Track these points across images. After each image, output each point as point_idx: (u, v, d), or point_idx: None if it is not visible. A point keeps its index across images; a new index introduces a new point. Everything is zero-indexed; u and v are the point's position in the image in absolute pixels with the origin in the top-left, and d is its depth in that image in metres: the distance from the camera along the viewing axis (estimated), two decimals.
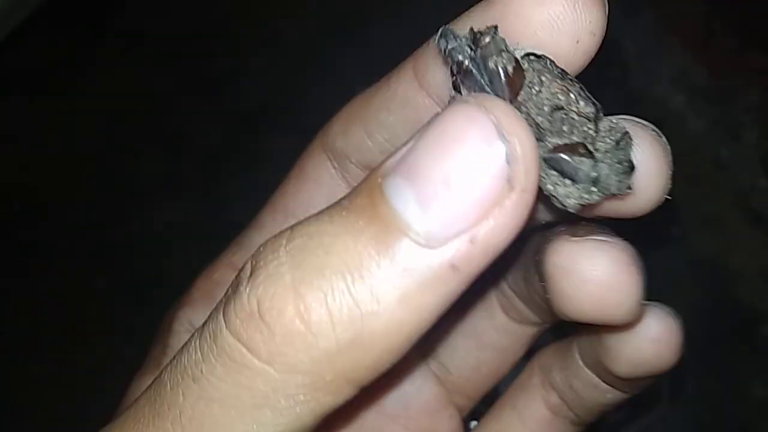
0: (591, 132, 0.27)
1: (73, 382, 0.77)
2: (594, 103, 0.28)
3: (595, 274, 0.30)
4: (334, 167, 0.38)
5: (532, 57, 0.28)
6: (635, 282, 0.30)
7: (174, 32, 0.94)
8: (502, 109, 0.24)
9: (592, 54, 0.29)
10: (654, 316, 0.34)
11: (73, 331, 0.79)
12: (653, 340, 0.34)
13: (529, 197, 0.24)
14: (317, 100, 0.83)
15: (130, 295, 0.81)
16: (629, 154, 0.28)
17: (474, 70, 0.28)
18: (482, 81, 0.28)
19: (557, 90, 0.27)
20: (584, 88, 0.28)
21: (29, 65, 0.93)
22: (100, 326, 0.80)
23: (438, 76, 0.33)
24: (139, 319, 0.60)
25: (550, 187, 0.28)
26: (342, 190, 0.38)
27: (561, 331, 0.40)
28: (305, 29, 0.92)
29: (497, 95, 0.27)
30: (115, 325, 0.79)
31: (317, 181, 0.38)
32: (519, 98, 0.27)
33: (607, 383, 0.37)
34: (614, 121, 0.28)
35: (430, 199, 0.23)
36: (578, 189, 0.27)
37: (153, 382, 0.29)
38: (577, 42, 0.28)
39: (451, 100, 0.27)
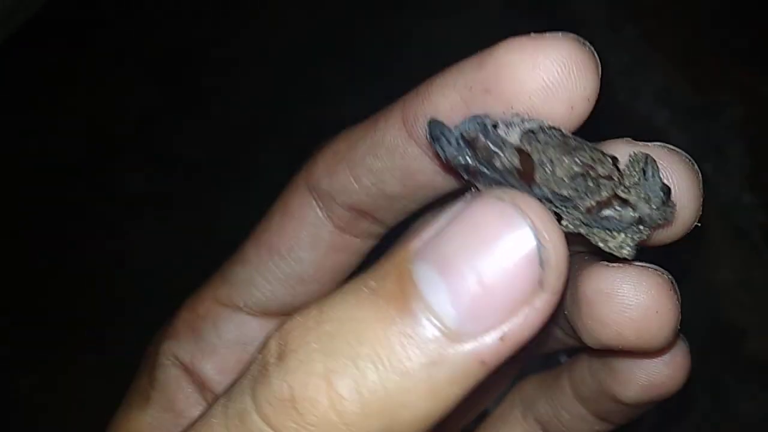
0: (616, 178, 0.27)
1: (60, 395, 0.76)
2: (604, 154, 0.28)
3: (639, 299, 0.30)
4: (319, 206, 0.38)
5: (530, 134, 0.28)
6: (676, 308, 0.30)
7: (162, 48, 0.94)
8: (536, 211, 0.24)
9: (586, 117, 0.29)
10: None
11: (58, 348, 0.79)
12: (668, 364, 0.34)
13: (558, 298, 0.24)
14: (305, 116, 0.84)
15: (118, 314, 0.80)
16: (660, 180, 0.28)
17: (484, 170, 0.28)
18: (496, 176, 0.28)
19: (569, 162, 0.27)
20: (587, 143, 0.28)
21: (16, 80, 0.92)
22: (83, 345, 0.79)
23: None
24: (128, 335, 0.59)
25: (601, 244, 0.28)
26: (327, 229, 0.38)
27: (547, 361, 0.40)
28: (294, 45, 0.92)
29: (515, 187, 0.27)
30: (97, 342, 0.79)
31: (302, 219, 0.39)
32: (537, 181, 0.27)
33: (597, 416, 0.37)
34: (633, 152, 0.29)
35: (463, 296, 0.24)
36: (627, 236, 0.28)
37: None
38: (572, 108, 0.28)
39: (476, 191, 0.27)
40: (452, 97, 0.30)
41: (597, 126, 0.31)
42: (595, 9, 0.92)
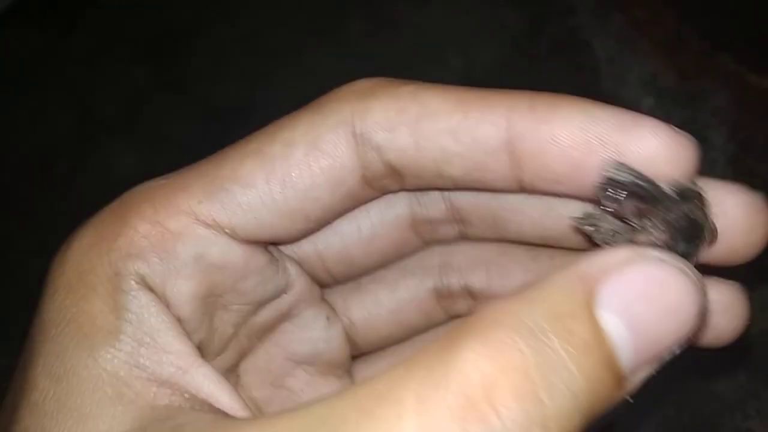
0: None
1: None
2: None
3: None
4: (358, 154, 0.36)
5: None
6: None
7: (149, 29, 0.94)
8: (698, 277, 0.28)
9: None
10: None
11: None
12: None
13: None
14: (294, 98, 0.84)
15: None
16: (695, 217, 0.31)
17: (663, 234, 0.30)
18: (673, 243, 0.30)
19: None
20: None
21: (4, 60, 0.92)
22: None
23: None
24: None
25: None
26: (355, 178, 0.36)
27: None
28: (282, 27, 0.92)
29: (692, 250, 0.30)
30: None
31: (334, 160, 0.36)
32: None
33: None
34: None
35: (647, 360, 0.28)
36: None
37: None
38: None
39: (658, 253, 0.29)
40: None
41: None
42: None
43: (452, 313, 0.45)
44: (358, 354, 0.46)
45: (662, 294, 0.27)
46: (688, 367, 0.75)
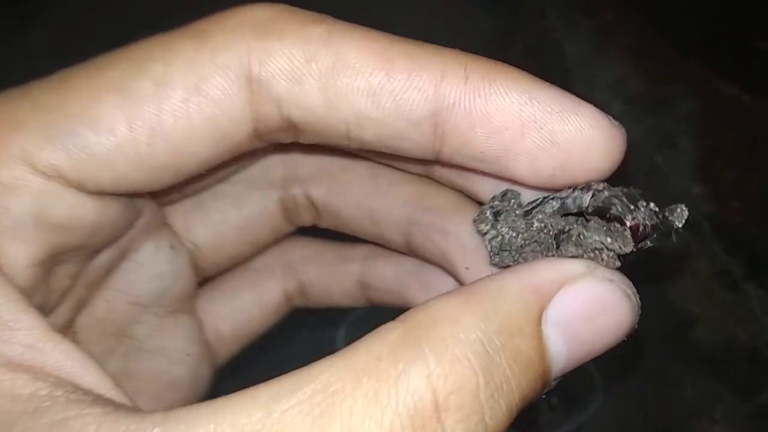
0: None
1: None
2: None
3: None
4: (251, 104, 0.30)
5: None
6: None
7: (112, 22, 0.92)
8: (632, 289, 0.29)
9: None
10: None
11: None
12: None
13: None
14: None
15: None
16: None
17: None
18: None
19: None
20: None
21: None
22: None
23: None
24: None
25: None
26: (245, 131, 0.30)
27: None
28: None
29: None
30: None
31: (223, 112, 0.29)
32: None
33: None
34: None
35: (577, 360, 0.28)
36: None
37: None
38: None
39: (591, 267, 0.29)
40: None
41: None
42: (555, 1, 0.93)
43: (297, 224, 0.42)
44: (202, 280, 0.42)
45: (604, 316, 0.28)
46: (655, 373, 0.75)
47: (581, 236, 0.29)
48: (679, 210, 0.30)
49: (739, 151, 0.83)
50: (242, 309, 0.43)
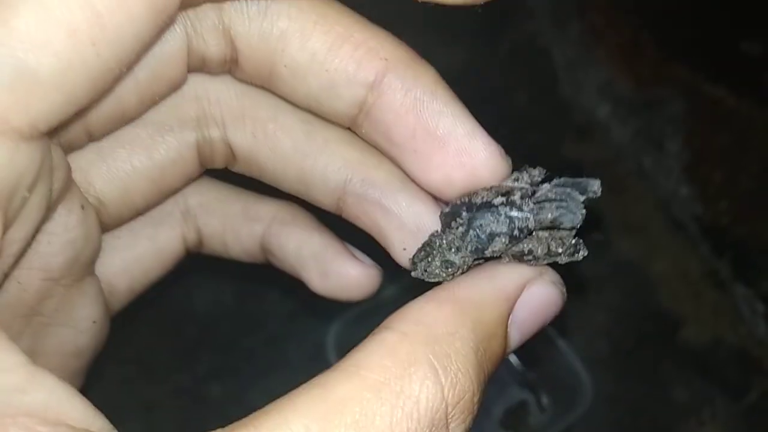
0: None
1: None
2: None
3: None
4: (188, 31, 0.32)
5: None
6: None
7: None
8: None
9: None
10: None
11: None
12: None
13: None
14: None
15: None
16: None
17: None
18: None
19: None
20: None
21: None
22: None
23: None
24: None
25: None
26: (181, 59, 0.33)
27: None
28: None
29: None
30: None
31: (156, 34, 0.28)
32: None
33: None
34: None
35: (520, 343, 0.33)
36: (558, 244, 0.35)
37: None
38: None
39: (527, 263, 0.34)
40: None
41: (541, 119, 0.32)
42: (542, 3, 0.93)
43: (207, 167, 0.39)
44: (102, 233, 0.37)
45: (547, 311, 0.34)
46: (644, 373, 0.75)
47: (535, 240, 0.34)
48: (591, 182, 0.33)
49: (726, 152, 0.84)
50: (138, 261, 0.40)
